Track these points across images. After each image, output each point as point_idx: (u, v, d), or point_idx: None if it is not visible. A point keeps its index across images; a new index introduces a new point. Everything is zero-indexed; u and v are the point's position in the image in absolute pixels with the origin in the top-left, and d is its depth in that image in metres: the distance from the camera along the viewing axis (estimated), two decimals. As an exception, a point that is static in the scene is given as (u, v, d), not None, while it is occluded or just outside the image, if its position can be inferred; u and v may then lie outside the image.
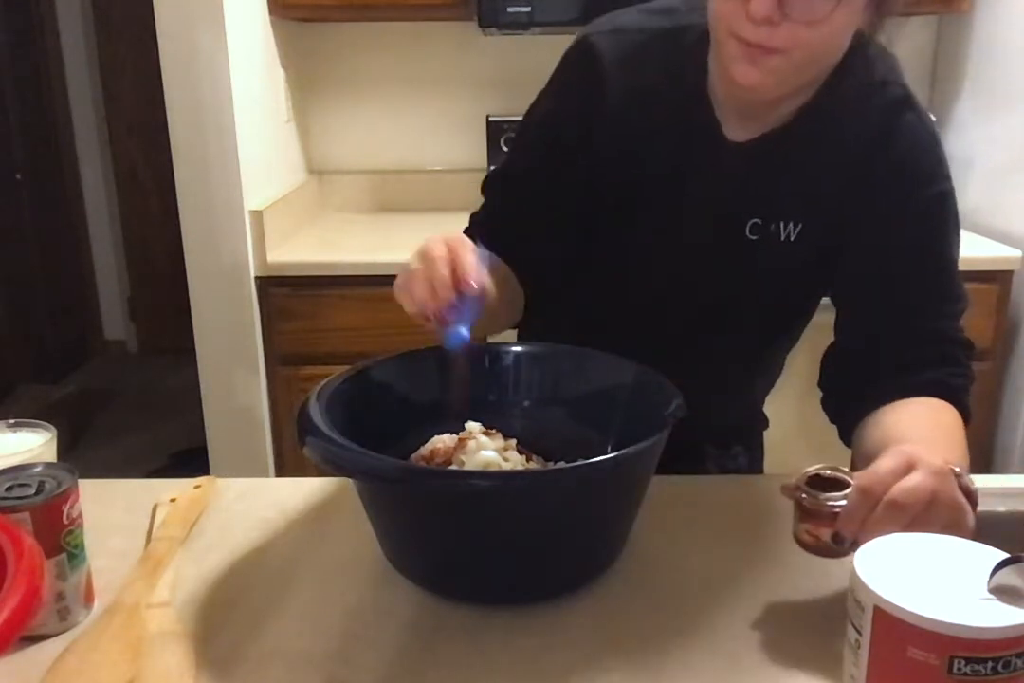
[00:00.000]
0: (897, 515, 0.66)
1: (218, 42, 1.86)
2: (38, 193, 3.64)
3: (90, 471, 0.82)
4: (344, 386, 0.83)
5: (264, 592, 0.78)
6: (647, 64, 0.95)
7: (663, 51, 0.96)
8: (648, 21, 0.97)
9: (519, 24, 2.13)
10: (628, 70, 0.96)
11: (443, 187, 2.60)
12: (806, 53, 0.83)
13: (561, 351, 0.92)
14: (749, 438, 1.26)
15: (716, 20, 0.86)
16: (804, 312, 1.09)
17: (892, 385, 0.90)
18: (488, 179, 1.10)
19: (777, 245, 0.97)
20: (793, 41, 0.81)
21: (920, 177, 0.93)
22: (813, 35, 0.82)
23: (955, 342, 0.94)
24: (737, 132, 0.95)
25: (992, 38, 2.26)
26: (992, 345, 2.06)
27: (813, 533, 0.71)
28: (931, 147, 0.94)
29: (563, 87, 1.01)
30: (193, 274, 2.00)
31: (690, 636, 0.72)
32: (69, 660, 0.68)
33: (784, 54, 0.83)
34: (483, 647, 0.71)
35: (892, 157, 0.92)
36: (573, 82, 0.99)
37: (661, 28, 0.96)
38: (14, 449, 0.79)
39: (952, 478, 0.68)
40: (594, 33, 0.97)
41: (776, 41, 0.81)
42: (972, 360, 0.94)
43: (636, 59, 0.95)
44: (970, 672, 0.54)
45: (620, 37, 0.97)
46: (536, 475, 0.76)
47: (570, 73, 1.00)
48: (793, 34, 0.81)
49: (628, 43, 0.96)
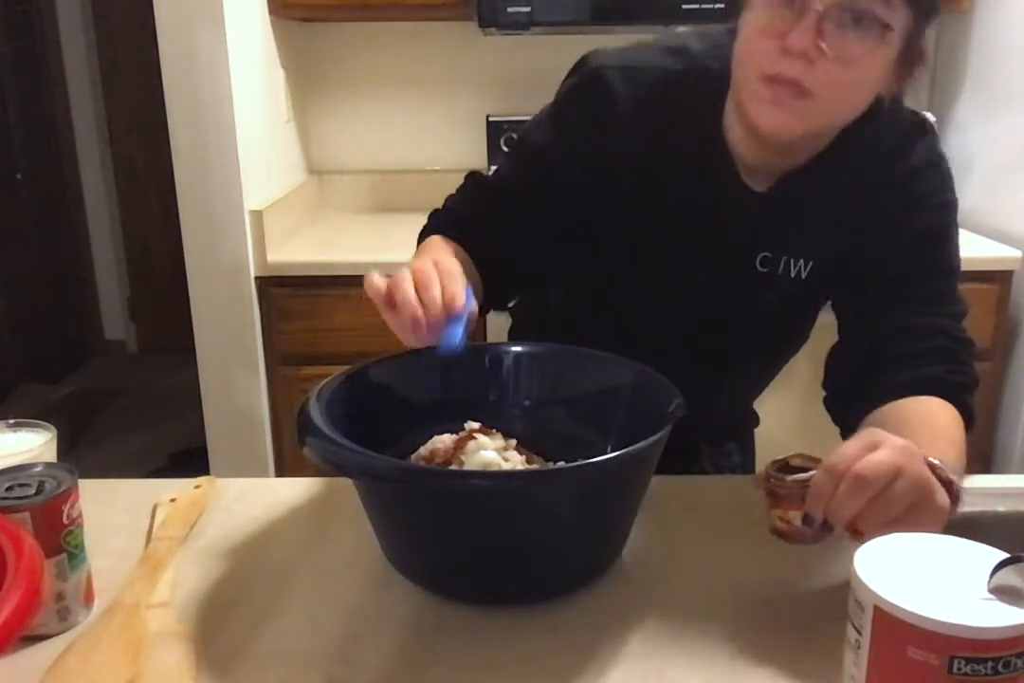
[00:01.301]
0: (861, 489, 0.65)
1: (218, 42, 1.86)
2: (38, 193, 3.64)
3: (90, 471, 0.82)
4: (344, 386, 0.83)
5: (264, 592, 0.78)
6: (661, 105, 0.94)
7: (676, 93, 0.94)
8: (662, 61, 0.95)
9: (519, 24, 2.12)
10: (643, 109, 0.94)
11: (443, 187, 2.56)
12: (835, 96, 0.84)
13: (561, 351, 0.92)
14: (742, 436, 1.28)
15: (746, 60, 0.85)
16: (808, 328, 1.11)
17: (893, 383, 0.90)
18: (476, 181, 1.11)
19: (787, 280, 0.99)
20: (826, 81, 0.81)
21: (930, 187, 0.95)
22: (846, 76, 0.82)
23: (956, 340, 0.94)
24: (753, 178, 0.95)
25: (992, 38, 2.26)
26: (992, 345, 2.06)
27: (784, 518, 0.72)
28: (935, 161, 0.96)
29: (570, 121, 0.98)
30: (193, 274, 2.00)
31: (690, 636, 0.72)
32: (69, 660, 0.68)
33: (813, 98, 0.83)
34: (483, 647, 0.71)
35: (904, 172, 0.94)
36: (582, 119, 0.97)
37: (674, 70, 0.95)
38: (14, 449, 0.79)
39: (919, 456, 0.69)
40: (607, 67, 0.95)
41: (810, 80, 0.81)
42: (974, 360, 0.95)
43: (649, 99, 0.94)
44: (970, 672, 0.54)
45: (633, 74, 0.94)
46: (536, 475, 0.76)
47: (580, 108, 0.97)
48: (827, 73, 0.81)
49: (641, 82, 0.94)
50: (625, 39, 0.94)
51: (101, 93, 3.89)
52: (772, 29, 0.81)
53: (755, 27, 0.83)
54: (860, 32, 0.80)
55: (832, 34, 0.79)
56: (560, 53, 1.00)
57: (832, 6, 0.79)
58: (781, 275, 0.99)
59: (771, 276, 0.99)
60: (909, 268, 0.95)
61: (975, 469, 0.76)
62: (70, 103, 3.87)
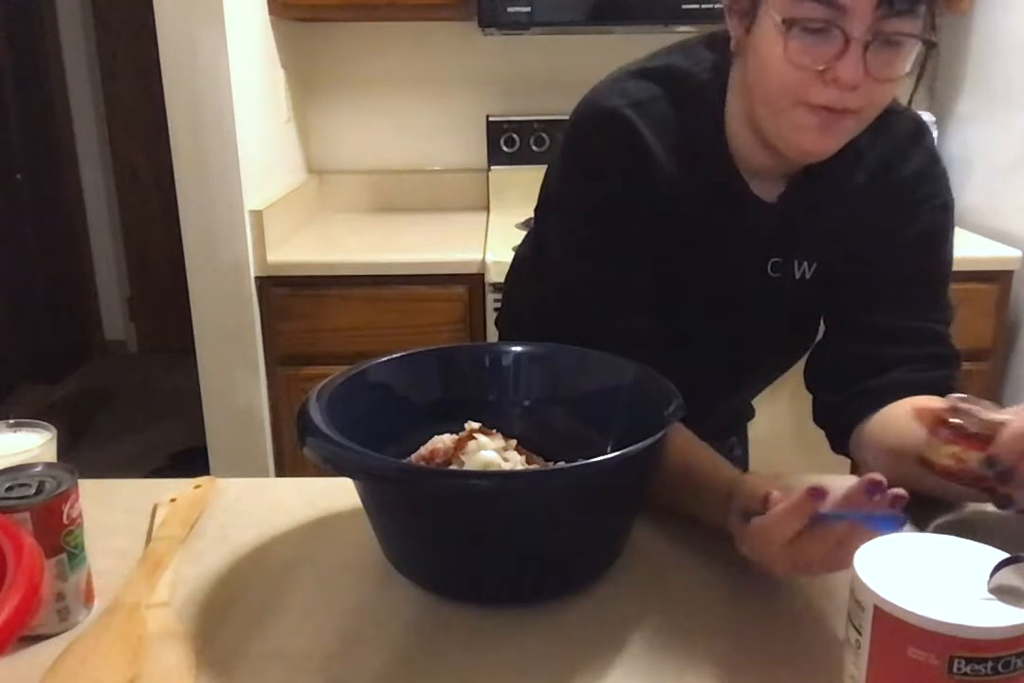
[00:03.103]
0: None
1: (218, 42, 1.86)
2: (38, 193, 3.64)
3: (90, 471, 0.82)
4: (344, 386, 0.83)
5: (264, 592, 0.78)
6: (671, 132, 0.93)
7: (681, 117, 0.93)
8: (659, 88, 0.93)
9: (519, 24, 2.12)
10: (661, 141, 0.92)
11: (443, 187, 2.60)
12: (875, 110, 0.84)
13: (561, 351, 0.92)
14: (740, 428, 1.30)
15: (782, 89, 0.83)
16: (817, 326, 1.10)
17: (893, 382, 0.90)
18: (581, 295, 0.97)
19: (795, 283, 0.99)
20: (869, 100, 0.82)
21: (929, 190, 0.95)
22: (886, 91, 0.82)
23: (949, 347, 0.95)
24: (760, 185, 0.95)
25: (992, 38, 2.26)
26: (992, 345, 2.06)
27: (961, 456, 0.69)
28: (934, 162, 0.97)
29: (616, 168, 0.92)
30: (193, 274, 2.00)
31: (690, 636, 0.72)
32: (69, 660, 0.68)
33: (857, 114, 0.83)
34: (483, 647, 0.71)
35: (904, 175, 0.95)
36: (625, 161, 0.92)
37: (675, 94, 0.93)
38: (14, 449, 0.79)
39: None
40: (622, 106, 0.91)
41: (857, 101, 0.81)
42: (959, 370, 0.96)
43: (661, 129, 0.92)
44: (970, 672, 0.54)
45: (644, 110, 0.92)
46: (536, 475, 0.76)
47: (616, 154, 0.92)
48: (869, 93, 0.81)
49: (652, 114, 0.92)
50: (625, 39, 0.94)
51: (101, 93, 3.89)
52: (808, 59, 0.80)
53: (785, 56, 0.81)
54: (898, 51, 0.80)
55: (875, 58, 0.79)
56: (560, 53, 1.00)
57: (874, 34, 0.78)
58: (790, 278, 0.99)
59: (782, 280, 0.99)
60: (909, 270, 0.95)
61: (975, 469, 0.76)
62: (70, 103, 3.87)
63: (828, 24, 0.78)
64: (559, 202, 0.99)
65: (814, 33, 0.79)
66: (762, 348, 1.06)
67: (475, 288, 2.02)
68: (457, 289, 2.03)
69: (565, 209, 0.98)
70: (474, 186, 2.58)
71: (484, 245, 2.10)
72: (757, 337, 1.04)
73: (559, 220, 0.99)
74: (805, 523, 0.65)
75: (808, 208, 0.96)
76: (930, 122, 2.32)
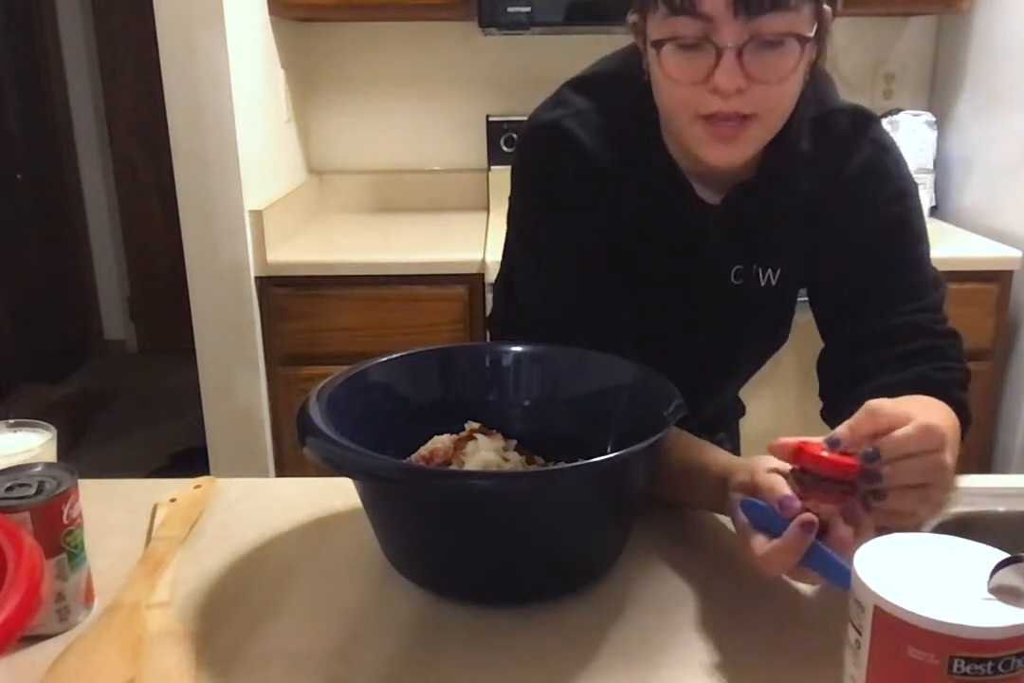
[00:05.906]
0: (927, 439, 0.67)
1: (218, 42, 1.86)
2: (38, 193, 3.64)
3: (90, 471, 0.82)
4: (344, 386, 0.83)
5: (264, 592, 0.78)
6: (612, 138, 0.93)
7: (620, 125, 0.93)
8: (595, 98, 0.94)
9: (519, 24, 2.13)
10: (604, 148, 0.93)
11: (443, 187, 2.60)
12: (774, 111, 0.84)
13: (561, 351, 0.92)
14: (731, 425, 1.31)
15: (675, 106, 0.85)
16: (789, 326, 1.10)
17: (880, 385, 0.90)
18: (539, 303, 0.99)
19: (760, 289, 0.99)
20: (764, 102, 0.82)
21: (878, 182, 0.95)
22: (782, 91, 0.82)
23: (937, 334, 0.93)
24: (707, 190, 0.96)
25: (992, 38, 2.26)
26: (992, 345, 2.06)
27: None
28: (882, 152, 0.95)
29: (562, 177, 0.94)
30: (193, 274, 2.00)
31: (690, 636, 0.72)
32: (69, 660, 0.68)
33: (758, 118, 0.83)
34: (483, 647, 0.71)
35: (851, 173, 0.94)
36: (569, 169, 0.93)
37: (609, 102, 0.93)
38: (14, 449, 0.79)
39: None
40: (561, 117, 0.92)
41: (748, 106, 0.81)
42: (962, 351, 0.94)
43: (601, 139, 0.93)
44: (970, 672, 0.54)
45: (583, 118, 0.92)
46: (536, 475, 0.76)
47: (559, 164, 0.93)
48: (763, 95, 0.81)
49: (591, 122, 0.93)
50: (624, 39, 0.94)
51: (101, 93, 3.89)
52: (691, 74, 0.81)
53: (671, 74, 0.82)
54: (779, 50, 0.80)
55: (754, 62, 0.79)
56: (560, 53, 1.00)
57: (744, 40, 0.78)
58: (755, 285, 0.99)
59: (746, 287, 0.99)
60: (878, 266, 0.94)
61: (975, 469, 0.76)
62: (70, 103, 3.87)
63: (699, 39, 0.79)
64: (516, 219, 1.00)
65: (689, 49, 0.80)
66: (735, 353, 1.07)
67: (475, 288, 2.03)
68: (457, 289, 2.03)
69: (522, 225, 1.00)
70: (474, 186, 2.58)
71: (484, 245, 2.11)
72: (729, 343, 1.05)
73: (517, 237, 1.02)
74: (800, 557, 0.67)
75: (762, 216, 0.96)
76: (930, 122, 2.32)
